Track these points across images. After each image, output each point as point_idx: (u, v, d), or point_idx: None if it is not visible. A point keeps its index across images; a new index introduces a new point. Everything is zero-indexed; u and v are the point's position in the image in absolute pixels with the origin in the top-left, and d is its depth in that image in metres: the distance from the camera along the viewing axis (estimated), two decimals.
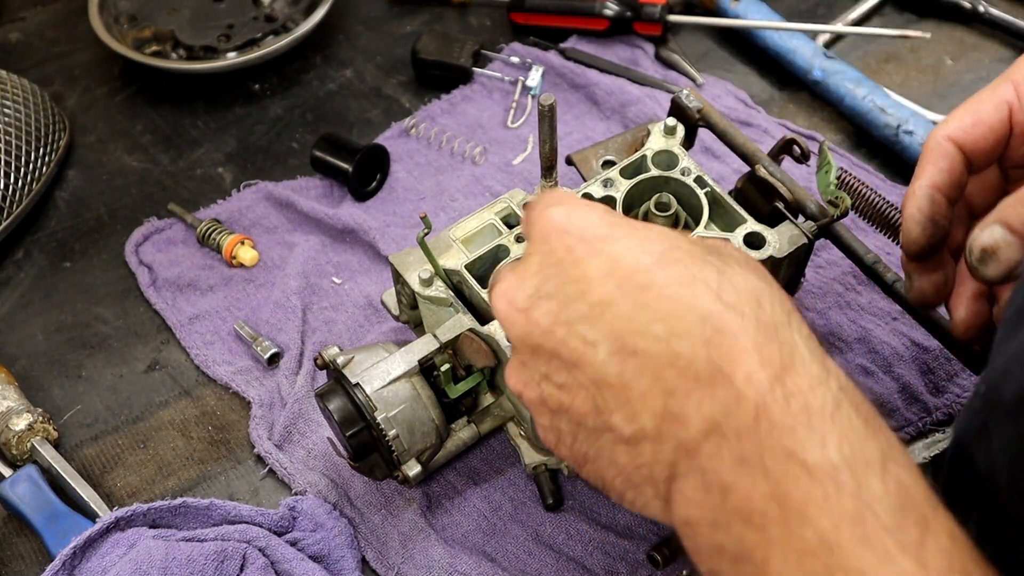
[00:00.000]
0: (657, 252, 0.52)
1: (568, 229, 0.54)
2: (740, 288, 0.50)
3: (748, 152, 0.86)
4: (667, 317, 0.49)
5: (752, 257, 0.57)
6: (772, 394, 0.47)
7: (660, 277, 0.50)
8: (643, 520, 0.84)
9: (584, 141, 1.10)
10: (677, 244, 0.52)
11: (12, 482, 0.87)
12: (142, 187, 1.11)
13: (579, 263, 0.52)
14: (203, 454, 0.92)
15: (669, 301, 0.50)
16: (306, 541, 0.82)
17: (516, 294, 0.55)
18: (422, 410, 0.77)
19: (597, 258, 0.52)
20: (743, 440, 0.47)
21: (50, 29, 1.27)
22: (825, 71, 1.10)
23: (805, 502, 0.44)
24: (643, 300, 0.50)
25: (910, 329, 0.93)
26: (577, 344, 0.52)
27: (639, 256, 0.51)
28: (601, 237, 0.53)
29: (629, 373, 0.50)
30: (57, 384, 0.97)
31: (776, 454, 0.46)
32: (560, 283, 0.53)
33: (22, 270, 1.05)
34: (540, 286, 0.54)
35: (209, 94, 1.19)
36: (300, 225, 1.06)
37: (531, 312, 0.54)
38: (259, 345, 0.95)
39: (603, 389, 0.51)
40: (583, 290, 0.52)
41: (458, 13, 1.25)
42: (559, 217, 0.54)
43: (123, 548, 0.79)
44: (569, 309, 0.52)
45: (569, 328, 0.52)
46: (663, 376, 0.49)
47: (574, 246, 0.53)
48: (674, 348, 0.49)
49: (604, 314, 0.51)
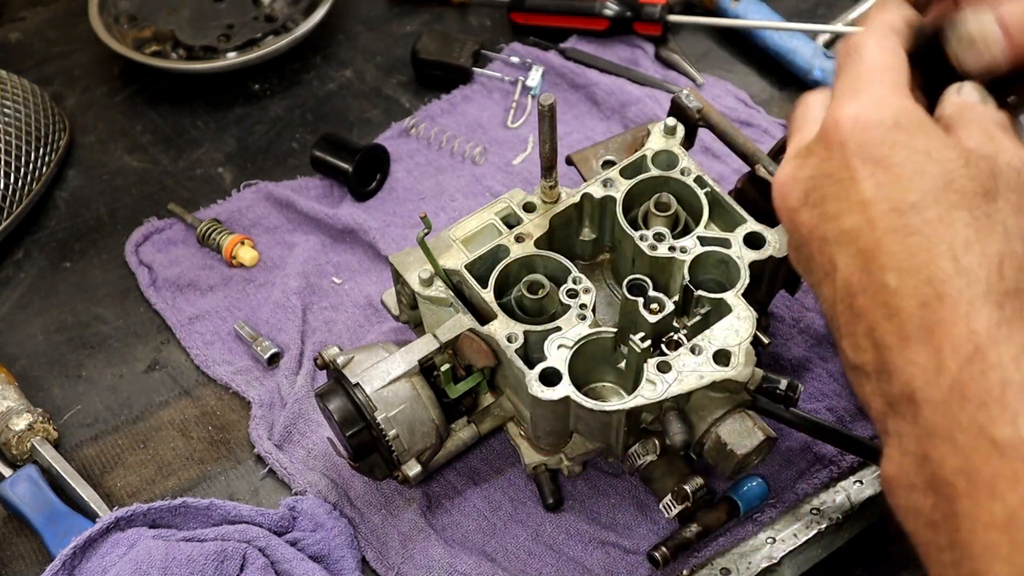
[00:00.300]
0: (926, 188, 0.51)
1: (848, 143, 0.54)
2: (989, 249, 0.49)
3: (748, 152, 0.86)
4: (900, 269, 0.50)
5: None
6: (970, 366, 0.47)
7: (913, 222, 0.50)
8: (643, 520, 0.84)
9: (584, 141, 1.10)
10: (952, 181, 0.51)
11: (12, 482, 0.87)
12: (142, 187, 1.11)
13: (847, 184, 0.53)
14: (203, 454, 0.92)
15: (907, 252, 0.50)
16: (306, 541, 0.82)
17: (790, 191, 0.57)
18: (422, 410, 0.77)
19: (865, 182, 0.52)
20: (935, 412, 0.47)
21: (50, 29, 1.27)
22: (825, 71, 1.10)
23: (994, 478, 0.45)
24: (888, 244, 0.51)
25: None
26: (826, 261, 0.55)
27: (904, 192, 0.51)
28: (878, 159, 0.52)
29: (858, 308, 0.52)
30: (57, 384, 0.97)
31: (966, 429, 0.46)
32: (825, 196, 0.54)
33: (22, 270, 1.05)
34: (809, 192, 0.56)
35: (209, 94, 1.19)
36: (300, 225, 1.06)
37: (799, 213, 0.57)
38: (259, 345, 0.95)
39: (838, 313, 0.54)
40: (842, 211, 0.53)
41: (458, 13, 1.25)
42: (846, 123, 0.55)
43: (123, 548, 0.79)
44: (827, 225, 0.54)
45: (823, 244, 0.55)
46: (880, 326, 0.51)
47: (849, 162, 0.53)
48: (896, 303, 0.50)
49: (852, 243, 0.53)
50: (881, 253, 0.51)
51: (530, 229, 0.82)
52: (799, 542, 0.83)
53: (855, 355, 0.54)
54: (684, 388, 0.72)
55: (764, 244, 0.79)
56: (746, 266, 0.78)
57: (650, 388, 0.72)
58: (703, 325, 0.77)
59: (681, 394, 0.72)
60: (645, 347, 0.73)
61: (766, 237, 0.80)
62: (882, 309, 0.51)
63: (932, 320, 0.49)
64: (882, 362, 0.51)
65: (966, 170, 0.52)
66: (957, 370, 0.47)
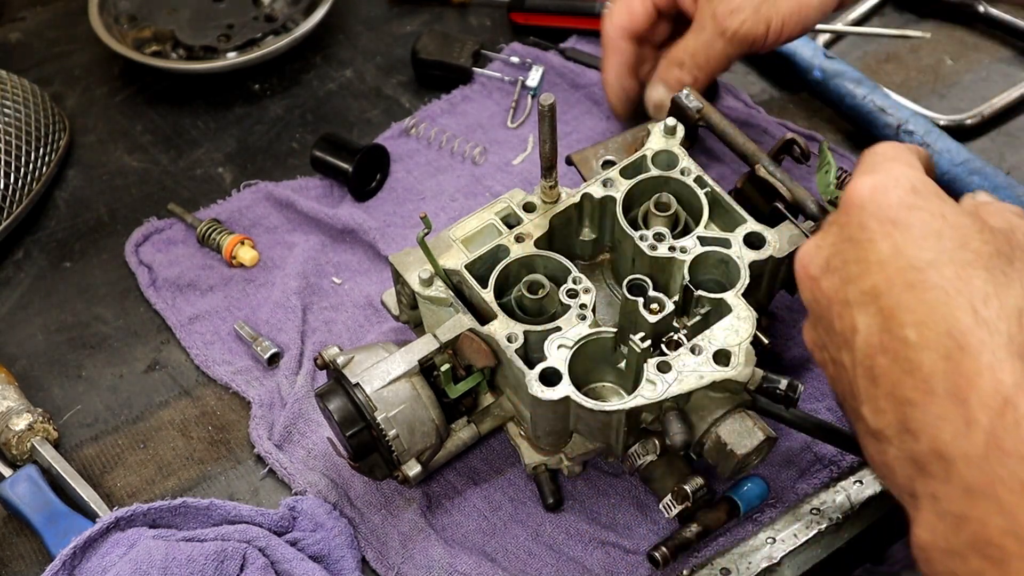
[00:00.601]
0: (943, 248, 0.52)
1: (867, 206, 0.55)
2: (1008, 303, 0.50)
3: (748, 152, 0.86)
4: (920, 323, 0.50)
5: None
6: (1002, 419, 0.46)
7: (931, 278, 0.51)
8: (643, 520, 0.84)
9: (584, 141, 1.10)
10: (967, 242, 0.52)
11: (12, 482, 0.87)
12: (142, 187, 1.11)
13: (866, 245, 0.54)
14: (203, 454, 0.92)
15: (927, 307, 0.50)
16: (306, 541, 0.82)
17: (811, 260, 0.59)
18: (422, 410, 0.77)
19: (884, 242, 0.54)
20: (972, 468, 0.46)
21: (50, 29, 1.27)
22: (825, 71, 1.10)
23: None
24: (907, 300, 0.51)
25: None
26: (847, 326, 0.55)
27: (921, 251, 0.52)
28: (894, 220, 0.54)
29: (878, 369, 0.52)
30: (57, 384, 0.97)
31: (1010, 485, 0.45)
32: (846, 260, 0.55)
33: (22, 270, 1.05)
34: (831, 259, 0.57)
35: (209, 94, 1.19)
36: (300, 225, 1.06)
37: (820, 281, 0.58)
38: (259, 345, 0.95)
39: (857, 376, 0.54)
40: (862, 273, 0.54)
41: (458, 13, 1.25)
42: (863, 190, 0.56)
43: (123, 548, 0.79)
44: (848, 288, 0.55)
45: (845, 307, 0.55)
46: (902, 383, 0.50)
47: (867, 224, 0.55)
48: (917, 357, 0.49)
49: (872, 303, 0.53)
50: (901, 310, 0.52)
51: (530, 229, 0.82)
52: (799, 542, 0.83)
53: (876, 419, 0.52)
54: (684, 388, 0.72)
55: (764, 244, 0.79)
56: (746, 266, 0.78)
57: (650, 388, 0.72)
58: (703, 325, 0.77)
59: (681, 394, 0.72)
60: (645, 347, 0.73)
61: (766, 237, 0.80)
62: (903, 365, 0.51)
63: (956, 372, 0.48)
64: (906, 421, 0.50)
65: (981, 235, 0.53)
66: (989, 423, 0.46)
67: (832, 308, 0.56)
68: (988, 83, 1.14)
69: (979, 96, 1.12)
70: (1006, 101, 1.10)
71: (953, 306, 0.50)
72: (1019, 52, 1.17)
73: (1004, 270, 0.51)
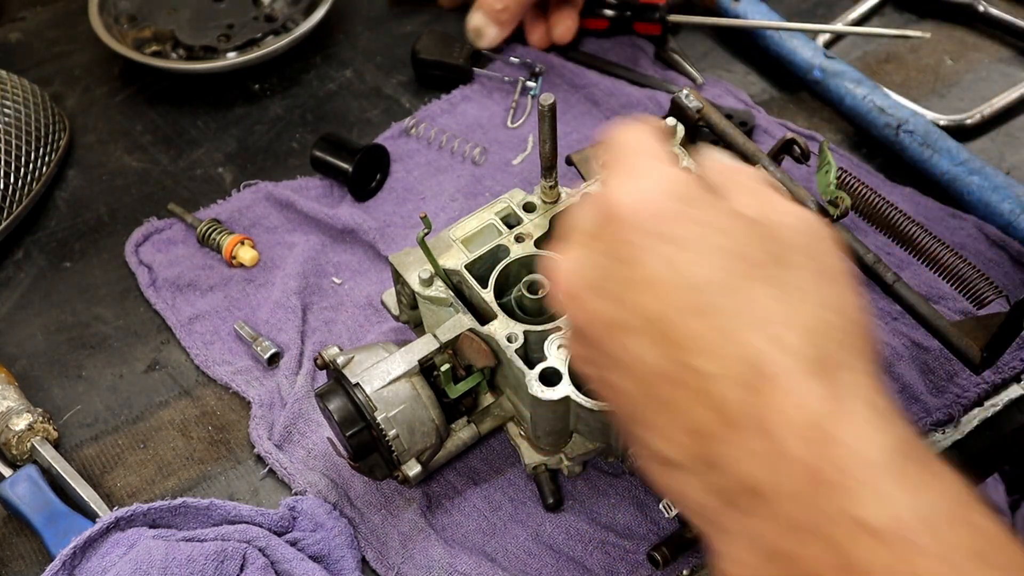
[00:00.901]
0: (717, 263, 0.48)
1: (629, 219, 0.50)
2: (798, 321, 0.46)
3: (748, 152, 0.86)
4: (711, 351, 0.46)
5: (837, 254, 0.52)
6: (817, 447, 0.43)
7: (715, 301, 0.47)
8: (643, 520, 0.84)
9: (584, 141, 1.10)
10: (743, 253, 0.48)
11: (12, 482, 0.87)
12: (142, 187, 1.11)
13: (636, 265, 0.49)
14: (203, 454, 0.92)
15: (716, 333, 0.46)
16: (306, 541, 0.82)
17: (575, 281, 0.52)
18: (422, 410, 0.77)
19: (656, 261, 0.48)
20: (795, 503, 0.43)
21: (50, 29, 1.27)
22: (825, 71, 1.10)
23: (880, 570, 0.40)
24: (694, 327, 0.47)
25: (910, 329, 0.92)
26: (627, 353, 0.49)
27: (699, 268, 0.48)
28: (662, 235, 0.49)
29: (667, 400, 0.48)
30: (57, 384, 0.97)
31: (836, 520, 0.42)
32: (616, 280, 0.50)
33: (22, 270, 1.05)
34: (596, 281, 0.51)
35: (209, 94, 1.19)
36: (300, 225, 1.06)
37: (588, 304, 0.52)
38: (259, 345, 0.95)
39: (646, 407, 0.49)
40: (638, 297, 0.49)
41: (458, 13, 1.25)
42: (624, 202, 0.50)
43: (123, 548, 0.79)
44: (623, 312, 0.50)
45: (622, 334, 0.50)
46: (699, 416, 0.46)
47: (633, 240, 0.49)
48: (713, 388, 0.46)
49: (655, 330, 0.48)
50: (688, 338, 0.47)
51: (530, 229, 0.82)
52: None
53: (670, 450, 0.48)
54: None
55: None
56: None
57: None
58: None
59: None
60: None
61: None
62: (698, 397, 0.46)
63: (758, 402, 0.44)
64: (708, 455, 0.46)
65: (750, 240, 0.49)
66: (804, 454, 0.43)
67: (607, 333, 0.50)
68: (988, 83, 1.14)
69: (979, 96, 1.12)
70: (1006, 101, 1.10)
71: (743, 330, 0.46)
72: (1019, 52, 1.17)
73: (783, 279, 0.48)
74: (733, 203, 0.51)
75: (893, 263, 0.94)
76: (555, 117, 0.77)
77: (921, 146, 1.03)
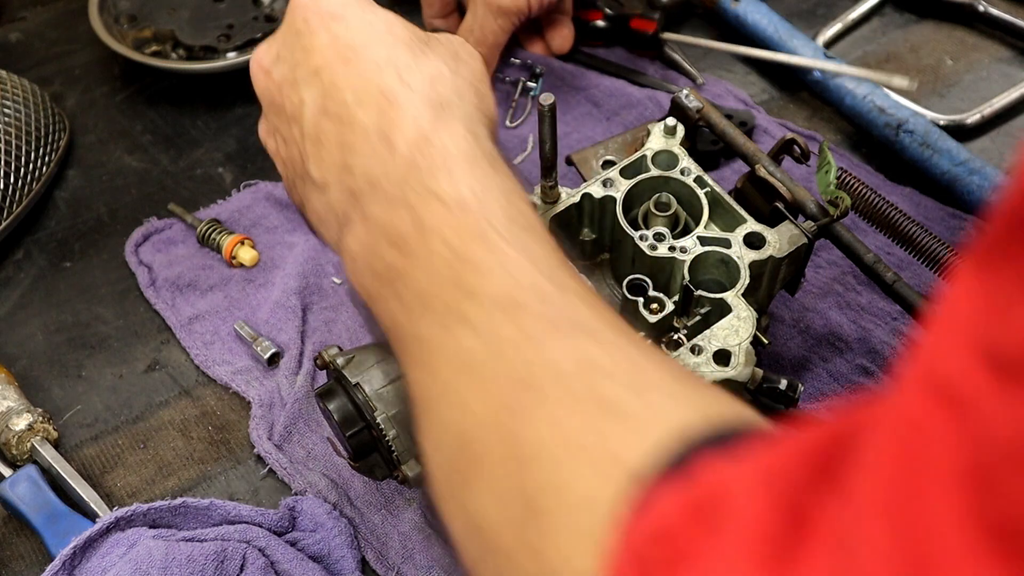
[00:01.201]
0: (372, 32, 0.62)
1: (309, 5, 0.63)
2: (424, 73, 0.61)
3: (748, 152, 0.86)
4: (357, 89, 0.60)
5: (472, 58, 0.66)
6: (419, 147, 0.57)
7: (364, 55, 0.61)
8: None
9: (584, 141, 1.10)
10: (393, 30, 0.63)
11: (12, 482, 0.87)
12: (142, 187, 1.11)
13: (308, 36, 0.63)
14: (203, 454, 0.92)
15: (362, 76, 0.60)
16: (306, 541, 0.82)
17: (264, 56, 0.66)
18: None
19: (323, 32, 0.62)
20: (392, 184, 0.57)
21: (50, 29, 1.27)
22: (825, 71, 1.10)
23: (439, 224, 0.54)
24: (345, 72, 0.61)
25: (910, 329, 0.92)
26: (296, 101, 0.62)
27: (356, 35, 0.62)
28: (332, 15, 0.63)
29: (323, 130, 0.61)
30: (57, 384, 0.97)
31: (417, 191, 0.56)
32: (292, 49, 0.63)
33: (22, 270, 1.05)
34: (280, 51, 0.65)
35: (209, 94, 1.19)
36: (300, 225, 1.06)
37: (271, 72, 0.65)
38: (259, 345, 0.95)
39: (306, 142, 0.62)
40: (306, 58, 0.62)
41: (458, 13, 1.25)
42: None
43: (123, 548, 0.79)
44: (296, 71, 0.63)
45: (293, 87, 0.63)
46: (345, 136, 0.59)
47: (309, 19, 0.63)
48: (356, 113, 0.59)
49: (317, 79, 0.61)
50: (340, 80, 0.60)
51: None
52: None
53: (320, 170, 0.61)
54: None
55: (764, 244, 0.79)
56: (746, 266, 0.78)
57: None
58: (703, 325, 0.77)
59: None
60: None
61: (766, 237, 0.80)
62: (344, 121, 0.60)
63: (386, 120, 0.58)
64: (345, 163, 0.60)
65: (403, 27, 0.64)
66: (408, 151, 0.57)
67: (282, 91, 0.64)
68: (988, 83, 1.14)
69: (979, 96, 1.12)
70: (1006, 101, 1.10)
71: (383, 74, 0.60)
72: (1019, 52, 1.17)
73: (422, 49, 0.63)
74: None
75: (893, 263, 0.94)
76: (555, 117, 0.77)
77: (921, 146, 1.03)
